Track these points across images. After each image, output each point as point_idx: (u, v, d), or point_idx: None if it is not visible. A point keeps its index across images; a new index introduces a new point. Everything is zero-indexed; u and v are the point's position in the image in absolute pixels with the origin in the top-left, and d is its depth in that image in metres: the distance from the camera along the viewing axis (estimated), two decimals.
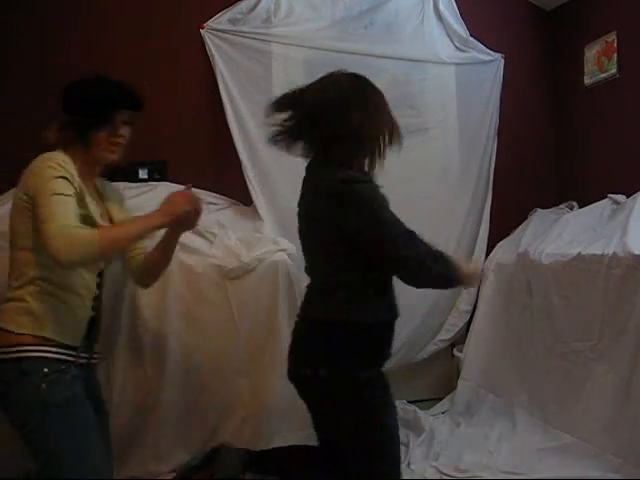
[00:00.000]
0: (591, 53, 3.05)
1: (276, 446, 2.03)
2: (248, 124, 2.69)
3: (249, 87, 2.71)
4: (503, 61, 3.17)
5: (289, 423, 2.18)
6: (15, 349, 1.41)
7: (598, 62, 3.00)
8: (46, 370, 1.42)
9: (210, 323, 2.13)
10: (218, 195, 2.68)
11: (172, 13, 2.75)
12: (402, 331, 2.86)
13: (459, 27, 3.08)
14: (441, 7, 3.04)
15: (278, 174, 2.74)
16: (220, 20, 2.73)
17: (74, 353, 1.50)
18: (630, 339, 1.98)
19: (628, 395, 1.96)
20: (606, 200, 2.64)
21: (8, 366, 1.42)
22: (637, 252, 2.00)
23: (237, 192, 2.71)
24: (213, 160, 2.71)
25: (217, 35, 2.70)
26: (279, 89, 2.76)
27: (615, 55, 2.88)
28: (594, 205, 2.69)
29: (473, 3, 3.16)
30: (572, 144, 3.26)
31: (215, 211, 2.58)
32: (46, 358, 1.43)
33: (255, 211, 2.69)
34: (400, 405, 2.74)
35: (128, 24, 2.71)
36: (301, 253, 1.92)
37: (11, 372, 1.41)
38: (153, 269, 1.72)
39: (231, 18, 2.73)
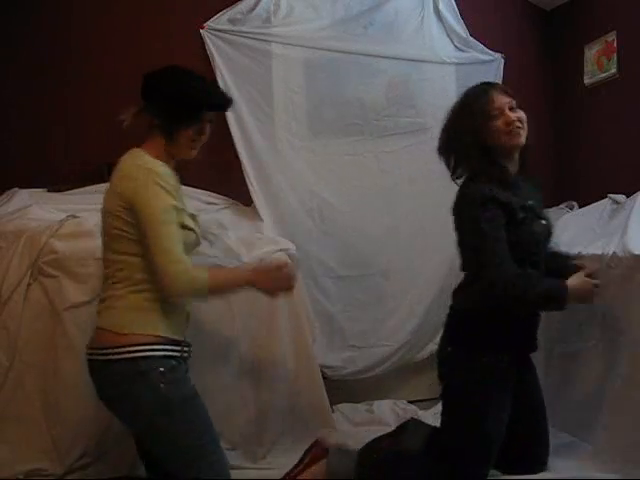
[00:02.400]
0: (591, 53, 3.04)
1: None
2: (248, 124, 2.70)
3: (249, 87, 2.72)
4: (503, 61, 3.17)
5: (292, 423, 2.18)
6: (128, 349, 1.42)
7: (598, 62, 3.00)
8: (162, 369, 1.43)
9: (210, 323, 2.13)
10: (218, 195, 2.68)
11: (172, 13, 2.75)
12: (402, 331, 2.87)
13: (459, 27, 3.08)
14: (441, 7, 3.03)
15: (278, 174, 2.75)
16: (220, 20, 2.73)
17: (179, 348, 1.53)
18: (630, 339, 1.97)
19: (628, 395, 1.96)
20: (606, 200, 2.64)
21: (122, 366, 1.43)
22: (637, 252, 2.00)
23: (237, 192, 2.72)
24: (213, 160, 2.70)
25: (217, 35, 2.71)
26: (279, 89, 2.78)
27: (615, 55, 2.88)
28: (594, 205, 2.68)
29: (473, 3, 3.15)
30: (572, 144, 3.26)
31: (215, 211, 2.59)
32: (160, 356, 1.45)
33: (255, 211, 2.69)
34: (400, 405, 2.75)
35: (128, 24, 2.71)
36: (301, 253, 1.92)
37: (126, 372, 1.42)
38: None
39: (231, 18, 2.74)
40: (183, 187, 2.61)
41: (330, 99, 2.85)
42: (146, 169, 1.46)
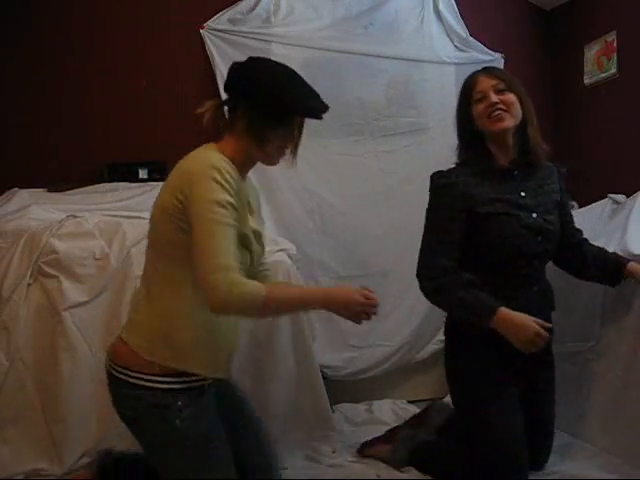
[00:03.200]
0: (591, 53, 3.04)
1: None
2: None
3: None
4: (503, 61, 3.17)
5: (292, 423, 2.18)
6: (149, 377, 1.29)
7: (598, 62, 3.00)
8: (180, 404, 1.29)
9: None
10: None
11: (172, 13, 2.76)
12: (402, 331, 2.87)
13: (459, 27, 3.08)
14: (441, 7, 3.03)
15: (278, 174, 2.74)
16: (220, 20, 2.73)
17: (205, 380, 1.37)
18: (628, 339, 1.97)
19: (627, 395, 1.96)
20: (606, 200, 2.64)
21: (140, 393, 1.30)
22: (637, 252, 2.00)
23: None
24: None
25: (217, 35, 2.71)
26: None
27: (615, 55, 2.88)
28: (594, 205, 2.69)
29: (473, 3, 3.15)
30: (572, 144, 3.26)
31: None
32: (181, 389, 1.31)
33: None
34: (400, 405, 2.75)
35: (128, 24, 2.71)
36: (301, 253, 1.92)
37: (142, 400, 1.30)
38: None
39: (231, 18, 2.74)
40: None
41: (330, 99, 2.82)
42: (205, 164, 1.26)
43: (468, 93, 1.76)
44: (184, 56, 2.75)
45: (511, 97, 1.71)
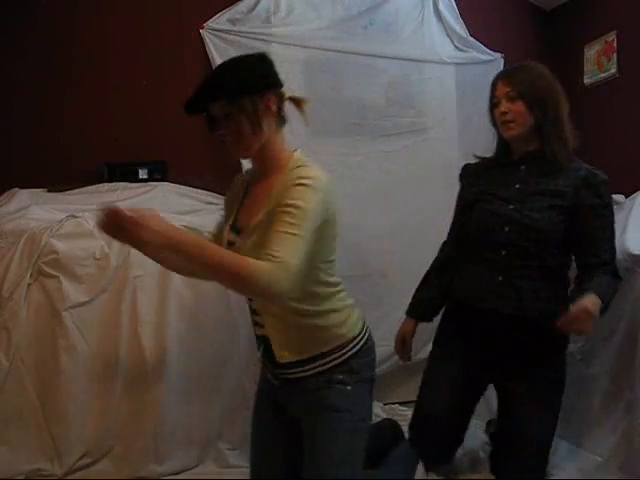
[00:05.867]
0: (591, 53, 3.04)
1: None
2: None
3: None
4: (503, 61, 3.17)
5: None
6: None
7: (598, 62, 3.00)
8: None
9: (210, 323, 2.13)
10: (218, 195, 2.68)
11: (172, 13, 2.76)
12: None
13: (459, 27, 3.08)
14: (441, 7, 3.03)
15: None
16: (220, 20, 2.73)
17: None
18: (619, 340, 1.97)
19: (617, 396, 1.96)
20: None
21: None
22: (636, 252, 2.00)
23: None
24: (213, 160, 2.71)
25: (217, 35, 2.71)
26: None
27: (615, 55, 2.88)
28: None
29: (473, 3, 3.16)
30: None
31: (215, 211, 2.58)
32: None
33: None
34: (398, 406, 2.75)
35: (128, 24, 2.71)
36: None
37: None
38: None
39: (231, 18, 2.74)
40: (182, 186, 2.66)
41: (330, 99, 2.85)
42: None
43: (491, 95, 1.84)
44: (184, 56, 2.75)
45: (519, 106, 1.74)
